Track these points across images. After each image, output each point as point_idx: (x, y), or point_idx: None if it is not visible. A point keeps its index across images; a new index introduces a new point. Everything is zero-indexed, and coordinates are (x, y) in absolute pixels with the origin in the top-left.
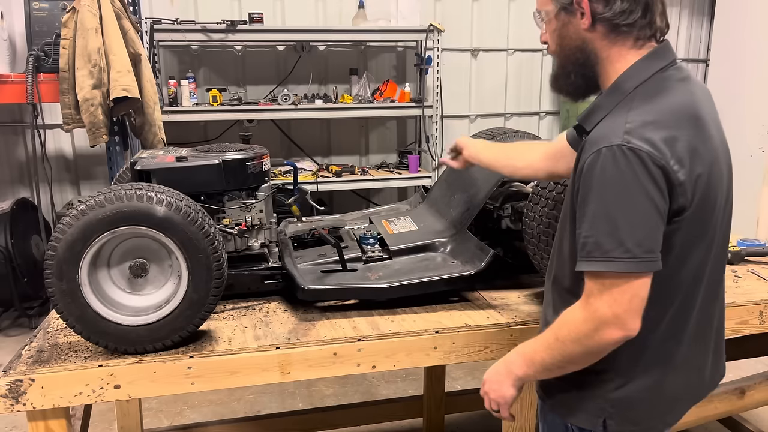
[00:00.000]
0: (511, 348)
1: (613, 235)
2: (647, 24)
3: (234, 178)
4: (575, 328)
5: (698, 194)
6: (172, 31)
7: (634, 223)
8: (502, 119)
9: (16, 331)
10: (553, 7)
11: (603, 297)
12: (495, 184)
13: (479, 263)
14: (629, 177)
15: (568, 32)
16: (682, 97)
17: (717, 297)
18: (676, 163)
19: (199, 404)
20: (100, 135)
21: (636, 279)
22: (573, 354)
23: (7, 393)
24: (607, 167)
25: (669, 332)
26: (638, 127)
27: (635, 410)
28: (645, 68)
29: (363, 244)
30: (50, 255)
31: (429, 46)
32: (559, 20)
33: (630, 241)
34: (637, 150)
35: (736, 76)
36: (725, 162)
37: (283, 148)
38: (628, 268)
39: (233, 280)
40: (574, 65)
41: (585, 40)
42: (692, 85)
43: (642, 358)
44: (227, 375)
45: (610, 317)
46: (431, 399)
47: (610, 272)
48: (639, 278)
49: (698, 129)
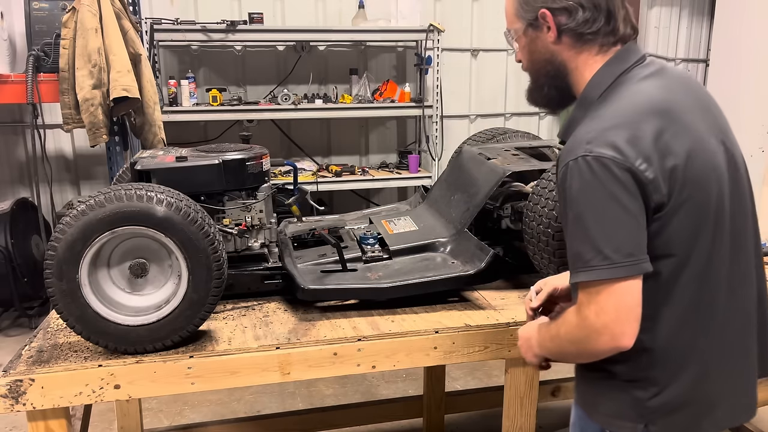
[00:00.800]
0: (510, 348)
1: (591, 245)
2: (611, 31)
3: (234, 178)
4: (571, 330)
5: (677, 187)
6: (172, 31)
7: (608, 231)
8: (502, 119)
9: (16, 331)
10: (520, 25)
11: (591, 306)
12: (495, 184)
13: (479, 263)
14: (596, 186)
15: (537, 47)
16: (646, 93)
17: (745, 292)
18: (643, 161)
19: (199, 404)
20: (100, 135)
21: (619, 284)
22: (570, 353)
23: (7, 393)
24: (574, 180)
25: (688, 335)
26: (599, 134)
27: (672, 417)
28: (608, 73)
29: (363, 244)
30: (50, 255)
31: (429, 46)
32: (528, 36)
33: (607, 248)
34: (600, 158)
35: (735, 76)
36: (721, 149)
37: (283, 148)
38: (608, 275)
39: (233, 280)
40: (546, 78)
41: (553, 52)
42: (662, 78)
43: (668, 363)
44: (227, 375)
45: (599, 326)
46: (431, 399)
47: (592, 281)
48: (622, 283)
49: (668, 121)
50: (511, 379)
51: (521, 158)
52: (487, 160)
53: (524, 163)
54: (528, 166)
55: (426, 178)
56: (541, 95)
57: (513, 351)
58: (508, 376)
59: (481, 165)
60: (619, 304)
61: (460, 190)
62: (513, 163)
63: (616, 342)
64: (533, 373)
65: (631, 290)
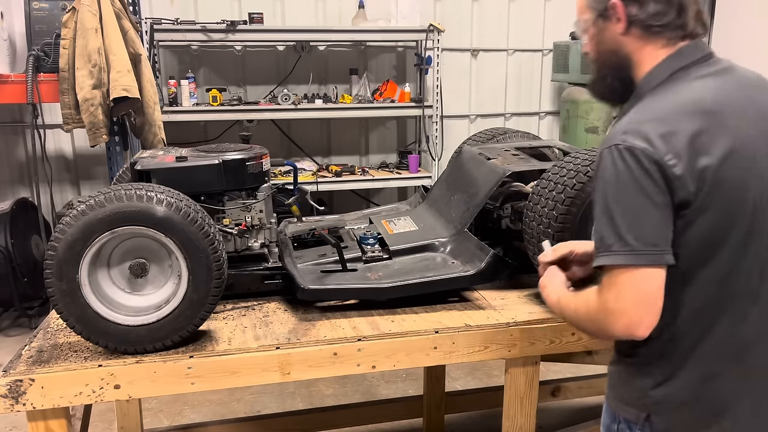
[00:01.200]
0: (510, 348)
1: (614, 231)
2: (680, 25)
3: (234, 178)
4: (590, 310)
5: (706, 188)
6: (172, 31)
7: (632, 219)
8: (502, 119)
9: (16, 331)
10: (590, 15)
11: (611, 290)
12: (495, 184)
13: (479, 263)
14: (625, 175)
15: (605, 38)
16: (696, 92)
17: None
18: (673, 157)
19: (199, 404)
20: (100, 135)
21: (638, 272)
22: (587, 329)
23: (7, 393)
24: (607, 168)
25: (697, 333)
26: (636, 126)
27: (676, 413)
28: (665, 68)
29: (363, 244)
30: (50, 255)
31: (429, 46)
32: (597, 27)
33: (629, 235)
34: (631, 148)
35: None
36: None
37: (283, 148)
38: (628, 261)
39: (233, 280)
40: (610, 69)
41: (619, 43)
42: (721, 78)
43: (674, 356)
44: (227, 375)
45: (617, 311)
46: (431, 399)
47: (612, 265)
48: (642, 271)
49: (711, 122)
50: (511, 379)
51: (521, 158)
52: (487, 160)
53: (524, 163)
54: (528, 166)
55: (426, 178)
56: (603, 86)
57: (513, 351)
58: (508, 376)
59: (481, 165)
60: (638, 292)
61: (460, 190)
62: (513, 163)
63: (631, 329)
64: (533, 373)
65: (652, 279)
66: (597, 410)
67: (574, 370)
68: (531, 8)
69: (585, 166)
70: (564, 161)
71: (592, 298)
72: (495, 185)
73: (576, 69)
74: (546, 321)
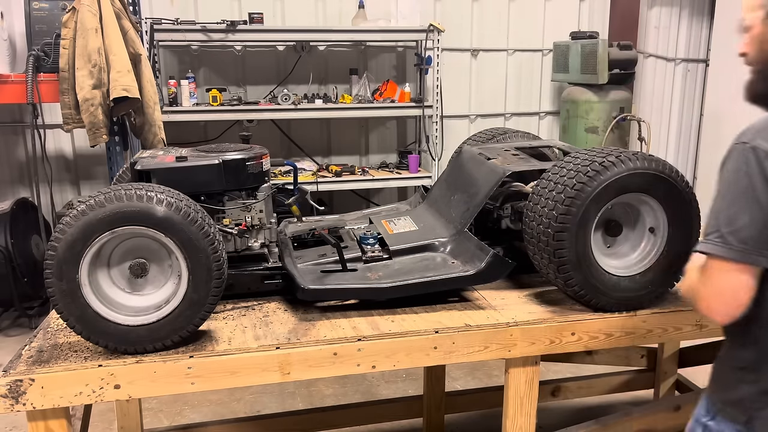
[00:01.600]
0: (510, 348)
1: (716, 221)
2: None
3: (234, 178)
4: (691, 283)
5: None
6: (172, 31)
7: (734, 214)
8: (502, 119)
9: (16, 331)
10: (761, 13)
11: (704, 275)
12: (495, 184)
13: (479, 263)
14: (742, 173)
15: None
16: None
17: None
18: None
19: (199, 404)
20: (100, 135)
21: (727, 265)
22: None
23: (7, 393)
24: (730, 161)
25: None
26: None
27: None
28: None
29: (363, 244)
30: (50, 255)
31: (429, 46)
32: (765, 25)
33: (727, 228)
34: (756, 149)
35: (736, 76)
36: None
37: (283, 148)
38: (718, 252)
39: (233, 280)
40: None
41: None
42: None
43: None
44: (227, 375)
45: (702, 294)
46: (431, 399)
47: (705, 253)
48: (730, 265)
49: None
50: (511, 379)
51: (521, 158)
52: (487, 160)
53: (524, 163)
54: (528, 166)
55: (426, 178)
56: (764, 87)
57: (513, 351)
58: (508, 376)
59: (481, 165)
60: (721, 283)
61: (460, 190)
62: (513, 163)
63: (710, 314)
64: (533, 373)
65: (736, 275)
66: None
67: (574, 370)
68: (531, 8)
69: (585, 166)
70: (564, 161)
71: (695, 275)
72: (495, 185)
73: (576, 69)
74: (546, 321)
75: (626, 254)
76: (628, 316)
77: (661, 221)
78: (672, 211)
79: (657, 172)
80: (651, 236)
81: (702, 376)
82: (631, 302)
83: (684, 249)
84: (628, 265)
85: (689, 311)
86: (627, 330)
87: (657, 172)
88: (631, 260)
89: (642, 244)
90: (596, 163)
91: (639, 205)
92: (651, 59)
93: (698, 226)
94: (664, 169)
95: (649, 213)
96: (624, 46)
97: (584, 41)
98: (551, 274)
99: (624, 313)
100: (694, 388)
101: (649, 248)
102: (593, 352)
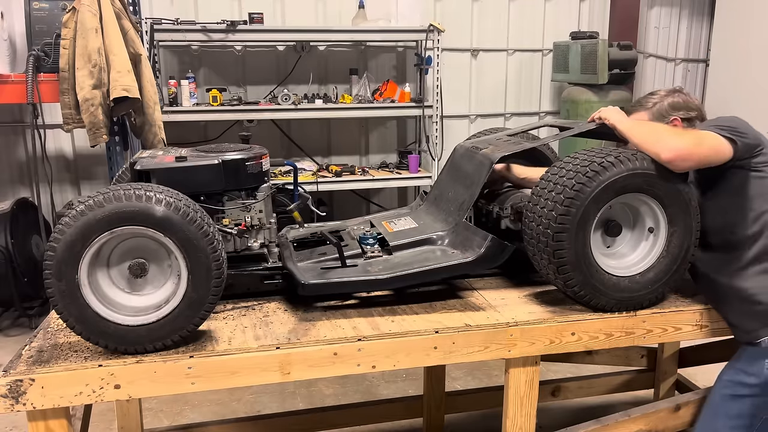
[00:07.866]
0: (510, 348)
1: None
2: None
3: (234, 178)
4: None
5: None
6: (172, 31)
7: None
8: (502, 119)
9: (16, 331)
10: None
11: (696, 135)
12: (487, 173)
13: (479, 249)
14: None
15: None
16: None
17: None
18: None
19: (199, 404)
20: (100, 135)
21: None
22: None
23: (7, 393)
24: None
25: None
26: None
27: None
28: None
29: (363, 243)
30: (50, 255)
31: (429, 46)
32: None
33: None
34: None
35: (735, 77)
36: None
37: (283, 148)
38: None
39: (233, 280)
40: None
41: None
42: None
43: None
44: (227, 375)
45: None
46: (431, 399)
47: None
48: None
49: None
50: (511, 379)
51: (512, 143)
52: (479, 151)
53: (512, 146)
54: (517, 148)
55: (426, 178)
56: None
57: (513, 351)
58: (508, 376)
59: (473, 157)
60: (713, 140)
61: (457, 186)
62: (502, 148)
63: (677, 153)
64: (533, 373)
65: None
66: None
67: (574, 370)
68: (531, 8)
69: (584, 167)
70: (564, 161)
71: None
72: (487, 173)
73: (576, 69)
74: (546, 321)
75: (626, 254)
76: (628, 316)
77: (660, 221)
78: (671, 212)
79: (656, 172)
80: (650, 236)
81: (702, 376)
82: (630, 302)
83: (684, 249)
84: (628, 265)
85: (689, 311)
86: (627, 330)
87: (656, 172)
88: (630, 260)
89: (641, 245)
90: (595, 163)
91: (638, 205)
92: (651, 59)
93: (698, 226)
94: (664, 169)
95: (648, 213)
96: (624, 46)
97: (584, 41)
98: (551, 274)
99: (624, 313)
100: (694, 388)
101: (649, 248)
102: (593, 352)
